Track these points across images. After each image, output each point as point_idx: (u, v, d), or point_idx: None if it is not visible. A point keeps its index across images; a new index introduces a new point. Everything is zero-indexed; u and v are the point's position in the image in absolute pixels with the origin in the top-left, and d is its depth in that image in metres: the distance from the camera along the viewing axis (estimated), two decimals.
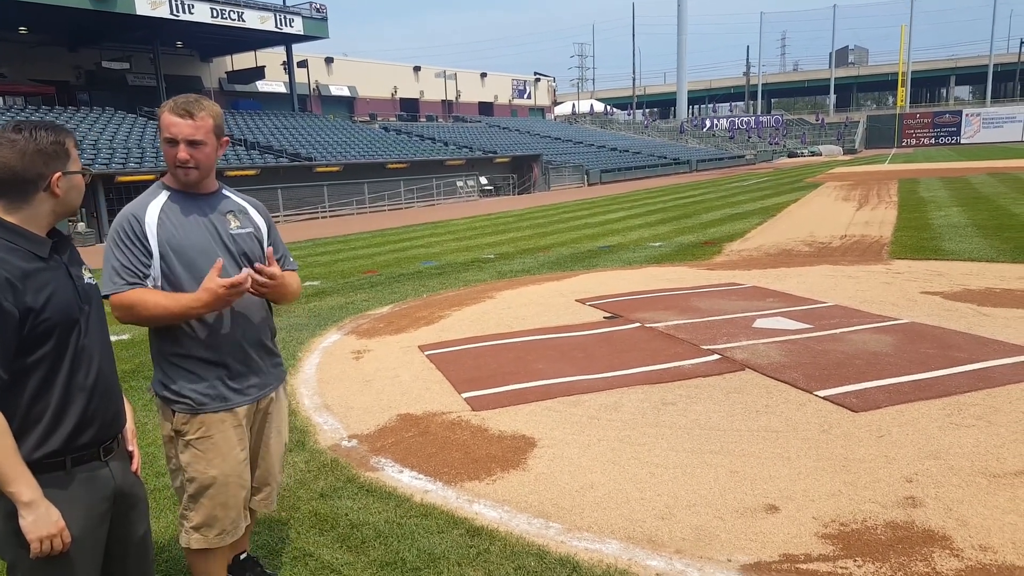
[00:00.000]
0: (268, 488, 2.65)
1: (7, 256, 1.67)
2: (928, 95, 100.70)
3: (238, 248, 2.42)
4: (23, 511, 1.67)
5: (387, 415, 4.71)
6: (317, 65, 45.87)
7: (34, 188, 1.74)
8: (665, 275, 9.70)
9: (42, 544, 1.69)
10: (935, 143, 77.75)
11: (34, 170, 1.73)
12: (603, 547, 2.98)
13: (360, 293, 9.48)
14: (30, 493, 1.67)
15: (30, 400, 1.72)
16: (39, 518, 1.68)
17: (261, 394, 2.50)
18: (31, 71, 32.64)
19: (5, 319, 1.64)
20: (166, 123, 2.30)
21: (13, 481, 1.65)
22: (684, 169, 51.85)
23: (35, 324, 1.69)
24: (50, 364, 1.74)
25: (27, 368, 1.71)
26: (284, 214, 25.62)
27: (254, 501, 2.63)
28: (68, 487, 1.77)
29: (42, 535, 1.68)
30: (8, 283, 1.64)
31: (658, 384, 4.98)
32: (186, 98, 2.33)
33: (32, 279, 1.69)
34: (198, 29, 31.84)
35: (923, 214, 15.67)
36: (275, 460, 2.64)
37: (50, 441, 1.75)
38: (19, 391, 1.71)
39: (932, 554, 2.80)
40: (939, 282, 8.25)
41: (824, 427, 4.10)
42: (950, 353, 5.36)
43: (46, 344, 1.73)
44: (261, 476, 2.62)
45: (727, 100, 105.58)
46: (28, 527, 1.67)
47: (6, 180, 1.71)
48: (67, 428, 1.77)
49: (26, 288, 1.68)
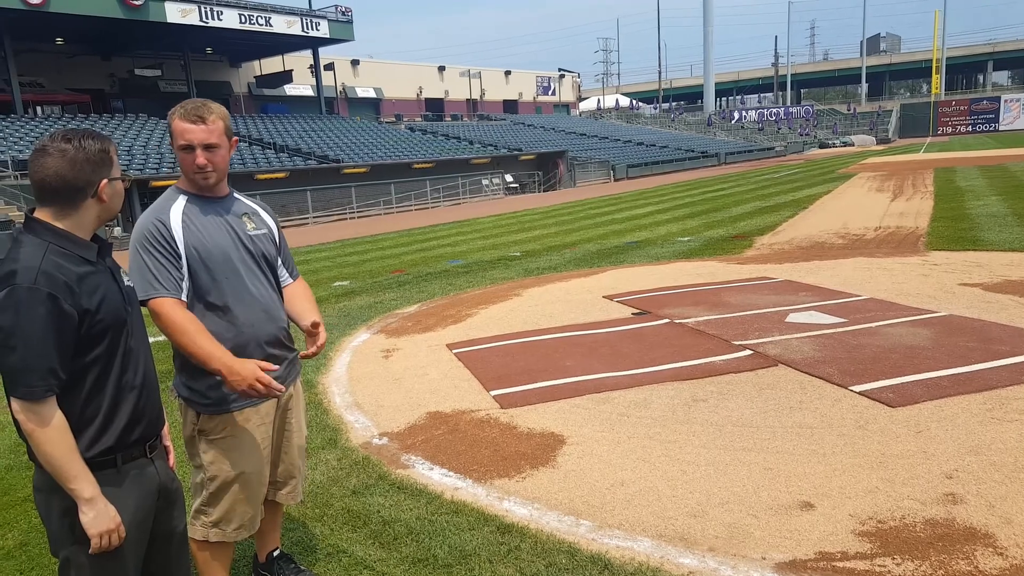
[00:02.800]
0: (293, 481, 2.69)
1: (63, 261, 1.73)
2: (964, 81, 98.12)
3: (257, 249, 2.47)
4: (84, 507, 1.73)
5: (417, 413, 4.73)
6: (343, 67, 46.33)
7: (83, 196, 1.79)
8: (694, 270, 9.60)
9: (101, 540, 1.75)
10: (972, 131, 75.77)
11: (84, 178, 1.78)
12: (634, 545, 2.96)
13: (388, 292, 9.55)
14: (91, 490, 1.74)
15: (85, 399, 1.79)
16: (99, 514, 1.74)
17: (284, 387, 2.53)
18: (67, 80, 33.52)
19: (67, 320, 1.70)
20: (180, 130, 2.32)
21: (74, 478, 1.72)
22: (712, 162, 51.26)
23: (91, 325, 1.75)
24: (103, 364, 1.80)
25: (83, 368, 1.77)
26: (313, 215, 25.92)
27: (280, 495, 2.67)
28: (120, 484, 1.83)
29: (102, 530, 1.75)
30: (67, 286, 1.70)
31: (689, 381, 4.93)
32: (193, 103, 2.35)
33: (85, 282, 1.75)
34: (227, 35, 32.39)
35: (960, 204, 15.28)
36: (297, 453, 2.68)
37: (103, 439, 1.81)
38: (76, 391, 1.77)
39: (975, 552, 2.73)
40: (978, 273, 8.04)
41: (860, 423, 4.02)
42: (991, 346, 5.22)
43: (100, 345, 1.79)
44: (285, 470, 2.65)
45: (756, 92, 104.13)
46: (89, 523, 1.73)
47: (58, 188, 1.76)
48: (119, 426, 1.83)
49: (81, 291, 1.73)
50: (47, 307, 1.67)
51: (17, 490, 3.87)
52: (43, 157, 1.75)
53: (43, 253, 1.71)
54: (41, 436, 1.68)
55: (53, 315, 1.68)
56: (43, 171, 1.75)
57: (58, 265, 1.71)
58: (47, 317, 1.67)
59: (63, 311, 1.69)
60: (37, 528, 3.33)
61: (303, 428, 2.72)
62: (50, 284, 1.68)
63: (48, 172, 1.75)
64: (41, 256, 1.71)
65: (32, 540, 3.28)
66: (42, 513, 1.84)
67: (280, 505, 2.78)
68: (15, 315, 1.65)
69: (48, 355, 1.67)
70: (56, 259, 1.72)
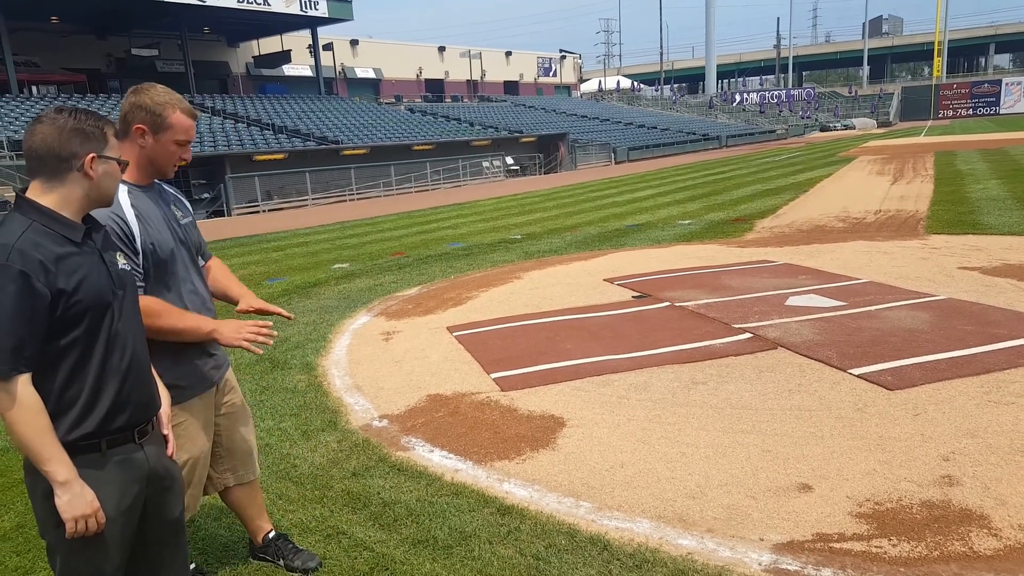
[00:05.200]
0: (250, 458, 2.74)
1: (41, 240, 1.71)
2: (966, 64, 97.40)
3: (189, 239, 2.48)
4: (58, 490, 1.71)
5: (417, 395, 4.75)
6: (342, 48, 45.93)
7: (67, 167, 1.77)
8: (695, 253, 9.59)
9: (76, 524, 1.73)
10: (973, 114, 75.41)
11: (69, 148, 1.76)
12: (634, 526, 2.98)
13: (388, 275, 9.55)
14: (65, 473, 1.72)
15: (64, 382, 1.76)
16: (74, 498, 1.72)
17: (222, 373, 2.58)
18: (63, 60, 33.20)
19: (38, 300, 1.68)
20: (185, 126, 2.34)
21: (48, 460, 1.70)
22: (713, 145, 51.04)
23: (67, 306, 1.72)
24: (83, 347, 1.77)
25: (60, 350, 1.74)
26: (312, 197, 25.83)
27: (239, 475, 2.70)
28: (103, 468, 1.81)
29: (76, 515, 1.73)
30: (41, 265, 1.68)
31: (688, 363, 4.94)
32: (180, 98, 2.38)
33: (64, 262, 1.73)
34: (225, 14, 32.04)
35: (960, 187, 15.24)
36: (245, 433, 2.72)
37: (85, 423, 1.79)
38: (52, 373, 1.74)
39: (969, 533, 2.75)
40: (977, 257, 8.04)
41: (858, 405, 4.04)
42: (989, 330, 5.23)
43: (78, 327, 1.76)
44: (241, 452, 2.69)
45: (757, 74, 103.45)
46: (63, 507, 1.72)
47: (44, 156, 1.76)
48: (101, 411, 1.81)
49: (59, 271, 1.71)
50: (17, 284, 1.64)
51: (14, 471, 3.88)
52: (35, 125, 1.77)
53: (22, 231, 1.70)
54: (12, 416, 1.66)
55: (23, 293, 1.65)
56: (31, 137, 1.76)
57: (35, 244, 1.69)
58: (16, 295, 1.64)
59: (34, 289, 1.66)
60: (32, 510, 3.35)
61: (246, 408, 2.75)
62: (23, 262, 1.66)
63: (36, 138, 1.75)
64: (19, 233, 1.69)
65: (28, 522, 3.29)
66: (30, 495, 1.82)
67: (255, 486, 2.82)
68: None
69: (16, 333, 1.64)
70: (35, 237, 1.70)
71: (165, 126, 2.32)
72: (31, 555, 3.04)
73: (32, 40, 31.10)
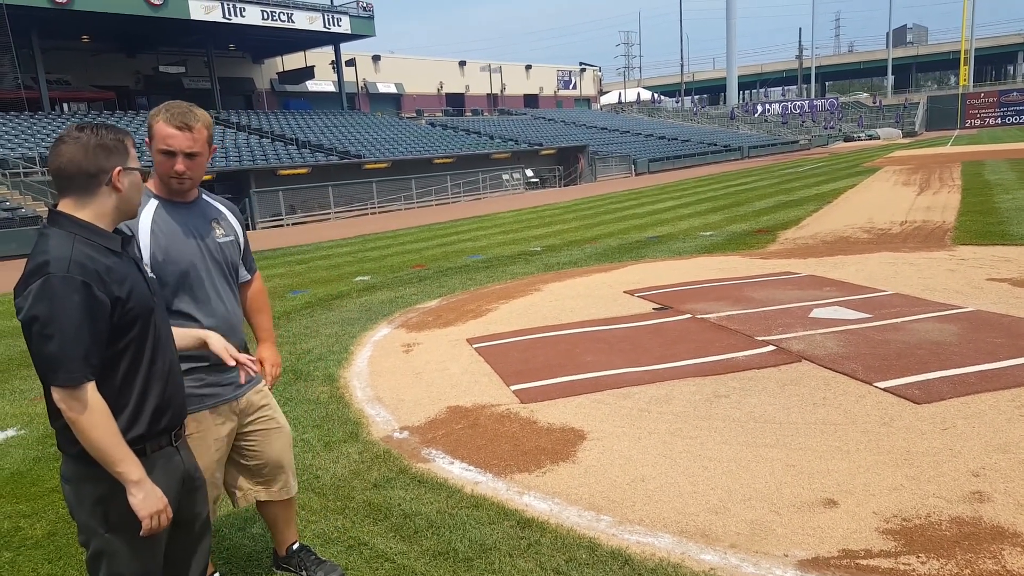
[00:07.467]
0: (283, 476, 2.70)
1: (91, 251, 1.77)
2: (994, 73, 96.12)
3: (224, 258, 2.47)
4: (133, 490, 1.76)
5: (437, 407, 4.76)
6: (365, 63, 46.51)
7: (97, 183, 1.82)
8: (717, 265, 9.52)
9: (152, 520, 1.78)
10: (1002, 123, 74.28)
11: (97, 164, 1.81)
12: (655, 540, 2.95)
13: (409, 287, 9.59)
14: (138, 472, 1.77)
15: (120, 387, 1.82)
16: (148, 495, 1.78)
17: (240, 392, 2.53)
18: (93, 78, 34.01)
19: (100, 308, 1.74)
20: (163, 135, 2.28)
21: (120, 461, 1.75)
22: (735, 156, 50.77)
23: (123, 313, 1.79)
24: (135, 352, 1.84)
25: (116, 356, 1.80)
26: (335, 211, 26.10)
27: (272, 492, 2.69)
28: (151, 472, 1.85)
29: (151, 511, 1.78)
30: (98, 275, 1.74)
31: (710, 376, 4.90)
32: (179, 107, 2.31)
33: (113, 272, 1.79)
34: (249, 31, 32.65)
35: (989, 198, 14.98)
36: (281, 450, 2.68)
37: (136, 426, 1.85)
38: (111, 379, 1.80)
39: (1002, 551, 2.69)
40: (1007, 268, 7.88)
41: (885, 420, 3.97)
42: (1019, 342, 5.12)
43: (131, 332, 1.82)
44: (271, 469, 2.66)
45: (779, 84, 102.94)
46: (139, 505, 1.77)
47: (73, 175, 1.80)
48: (148, 413, 1.87)
49: (111, 280, 1.77)
50: (81, 295, 1.70)
51: (45, 480, 3.94)
52: (59, 145, 1.81)
53: (72, 243, 1.75)
54: (86, 422, 1.71)
55: (88, 303, 1.71)
56: (58, 158, 1.80)
57: (88, 255, 1.75)
58: (82, 305, 1.70)
59: (97, 298, 1.72)
60: (65, 518, 3.40)
61: (284, 425, 2.73)
62: (83, 272, 1.72)
63: (63, 159, 1.79)
64: (71, 246, 1.75)
65: (60, 530, 3.34)
66: (71, 503, 1.86)
67: (292, 501, 2.82)
68: (51, 304, 1.68)
69: (84, 342, 1.70)
70: (85, 249, 1.76)
71: (151, 136, 2.33)
72: (62, 563, 3.08)
73: (64, 59, 31.91)
